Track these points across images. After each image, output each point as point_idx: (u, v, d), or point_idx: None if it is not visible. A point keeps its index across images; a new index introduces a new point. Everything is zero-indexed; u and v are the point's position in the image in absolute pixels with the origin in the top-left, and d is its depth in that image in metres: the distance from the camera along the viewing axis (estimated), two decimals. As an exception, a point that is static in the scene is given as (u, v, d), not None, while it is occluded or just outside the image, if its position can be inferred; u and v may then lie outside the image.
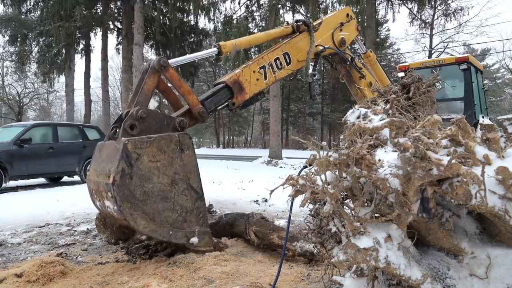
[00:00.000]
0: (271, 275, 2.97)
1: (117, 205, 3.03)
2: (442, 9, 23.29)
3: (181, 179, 3.30)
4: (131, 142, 3.08)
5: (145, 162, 3.13)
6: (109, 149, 3.36)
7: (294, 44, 4.70)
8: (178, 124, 3.53)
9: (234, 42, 4.32)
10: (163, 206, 3.20)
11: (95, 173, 3.45)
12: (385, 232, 1.88)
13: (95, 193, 3.50)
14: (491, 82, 33.11)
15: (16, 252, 4.04)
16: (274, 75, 4.48)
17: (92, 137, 10.93)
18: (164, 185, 3.21)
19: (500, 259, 1.89)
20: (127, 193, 3.02)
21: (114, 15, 19.40)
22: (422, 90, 2.64)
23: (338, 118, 27.44)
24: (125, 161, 3.03)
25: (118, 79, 45.02)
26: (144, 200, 3.10)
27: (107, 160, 3.28)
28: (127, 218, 3.04)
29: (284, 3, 17.11)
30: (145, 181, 3.12)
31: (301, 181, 2.07)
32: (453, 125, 1.92)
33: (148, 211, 3.11)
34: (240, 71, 4.20)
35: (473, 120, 7.40)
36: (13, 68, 26.62)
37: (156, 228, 3.15)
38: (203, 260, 3.39)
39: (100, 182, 3.28)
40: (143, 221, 3.08)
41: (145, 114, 3.33)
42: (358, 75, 5.72)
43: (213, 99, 3.99)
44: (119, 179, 2.99)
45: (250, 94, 4.24)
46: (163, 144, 3.23)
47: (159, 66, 3.53)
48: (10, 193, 8.22)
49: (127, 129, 3.26)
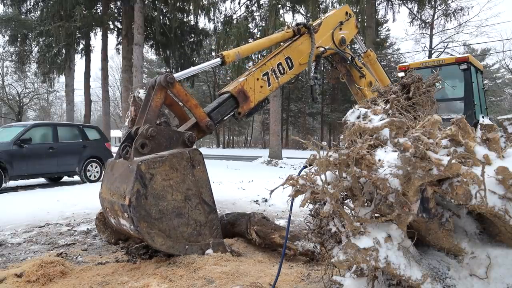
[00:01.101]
0: (271, 275, 2.97)
1: (134, 225, 3.10)
2: (442, 9, 23.28)
3: (193, 194, 3.38)
4: (144, 163, 3.14)
5: (158, 181, 3.19)
6: (121, 168, 3.42)
7: (296, 48, 4.70)
8: (187, 139, 3.60)
9: (237, 51, 4.32)
10: (178, 222, 3.27)
11: (108, 191, 3.52)
12: (385, 232, 1.88)
13: (109, 211, 3.57)
14: (491, 82, 33.11)
15: (16, 252, 4.04)
16: (277, 80, 4.48)
17: (92, 137, 10.93)
18: (178, 201, 3.28)
19: (500, 259, 1.90)
20: (143, 213, 3.10)
21: (114, 15, 19.40)
22: (422, 90, 2.64)
23: (338, 118, 27.46)
24: (140, 182, 3.10)
25: (118, 79, 45.05)
26: (160, 218, 3.18)
27: (121, 180, 3.33)
28: (144, 237, 3.12)
29: (284, 3, 17.11)
30: (160, 199, 3.19)
31: (301, 181, 2.07)
32: (453, 125, 1.92)
33: (164, 229, 3.19)
34: (244, 80, 4.19)
35: (473, 120, 7.39)
36: (13, 68, 26.66)
37: (173, 244, 3.24)
38: (203, 260, 3.39)
39: (114, 202, 3.34)
40: (160, 239, 3.17)
41: (155, 132, 3.41)
42: (358, 74, 5.71)
43: (219, 110, 4.02)
44: (134, 200, 3.06)
45: (255, 102, 4.26)
46: (175, 162, 3.30)
47: (166, 83, 3.57)
48: (10, 193, 8.22)
49: (138, 148, 3.33)
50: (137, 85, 15.23)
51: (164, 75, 3.58)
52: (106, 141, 11.55)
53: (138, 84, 15.51)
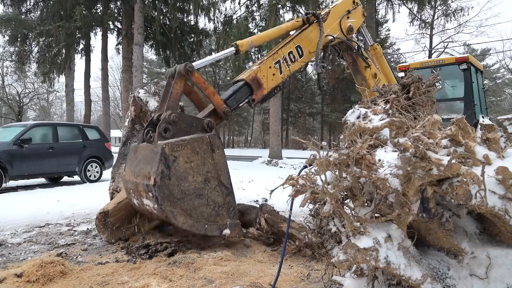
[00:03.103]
0: (271, 275, 2.97)
1: (158, 204, 3.27)
2: (442, 9, 23.28)
3: (212, 176, 3.57)
4: (168, 146, 3.32)
5: (181, 163, 3.38)
6: (145, 151, 3.59)
7: (306, 37, 4.82)
8: (207, 125, 3.76)
9: (250, 40, 4.46)
10: (198, 203, 3.46)
11: (132, 173, 3.68)
12: (385, 232, 1.88)
13: (132, 192, 3.71)
14: (491, 82, 33.10)
15: (16, 252, 4.04)
16: (289, 68, 4.64)
17: (92, 137, 10.92)
18: (198, 183, 3.48)
19: (500, 259, 1.90)
20: (167, 193, 3.28)
21: (114, 15, 19.37)
22: (422, 90, 2.64)
23: (338, 118, 27.45)
24: (164, 164, 3.28)
25: (118, 79, 45.04)
26: (182, 198, 3.37)
27: (145, 162, 3.49)
28: (168, 215, 3.29)
29: (284, 3, 17.08)
30: (182, 180, 3.38)
31: (301, 181, 2.07)
32: (453, 125, 1.92)
33: (186, 208, 3.38)
34: (258, 68, 4.34)
35: (473, 120, 7.39)
36: (13, 68, 26.64)
37: (193, 223, 3.41)
38: (203, 260, 3.40)
39: (139, 183, 3.50)
40: (182, 217, 3.36)
41: (177, 118, 3.59)
42: (363, 64, 5.78)
43: (235, 97, 4.19)
44: (159, 180, 3.24)
45: (268, 89, 4.42)
46: (196, 146, 3.49)
47: (185, 72, 3.74)
48: (10, 193, 8.22)
49: (161, 132, 3.49)
50: (137, 85, 15.22)
51: (184, 65, 3.74)
52: (106, 141, 11.55)
53: (138, 84, 15.51)
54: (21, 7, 19.14)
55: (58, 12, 17.52)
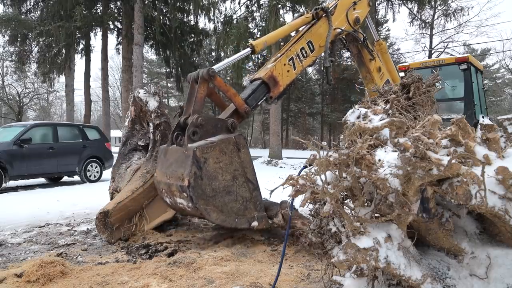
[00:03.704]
0: (271, 275, 2.97)
1: (192, 203, 3.52)
2: (442, 9, 23.26)
3: (240, 174, 3.83)
4: (199, 149, 3.57)
5: (211, 164, 3.63)
6: (176, 154, 3.82)
7: (316, 32, 4.95)
8: (230, 125, 4.00)
9: (264, 40, 4.68)
10: (228, 199, 3.72)
11: (164, 175, 3.91)
12: (385, 232, 1.88)
13: (165, 192, 3.95)
14: (491, 82, 33.08)
15: (16, 252, 4.03)
16: (301, 63, 4.81)
17: (92, 137, 10.92)
18: (227, 181, 3.74)
19: (500, 259, 1.90)
20: (200, 192, 3.54)
21: (114, 15, 19.36)
22: (422, 90, 2.64)
23: (338, 118, 27.42)
24: (196, 166, 3.53)
25: (118, 79, 44.97)
26: (213, 196, 3.63)
27: (177, 164, 3.73)
28: (202, 213, 3.57)
29: (284, 3, 17.07)
30: (212, 180, 3.63)
31: (301, 181, 2.07)
32: (453, 125, 1.92)
33: (217, 205, 3.64)
34: (273, 66, 4.51)
35: (473, 120, 7.39)
36: (13, 68, 26.56)
37: (225, 218, 3.69)
38: (203, 260, 3.40)
39: (172, 184, 3.73)
40: (215, 214, 3.62)
41: (204, 121, 3.83)
42: (368, 56, 5.87)
43: (254, 96, 4.41)
44: (193, 181, 3.49)
45: (284, 86, 4.60)
46: (223, 147, 3.74)
47: (208, 76, 3.95)
48: (10, 193, 8.22)
49: (190, 135, 3.74)
50: (137, 85, 15.22)
51: (206, 70, 3.98)
52: (106, 141, 11.55)
53: (138, 84, 15.50)
54: (21, 7, 19.12)
55: (58, 12, 17.50)
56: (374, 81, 5.87)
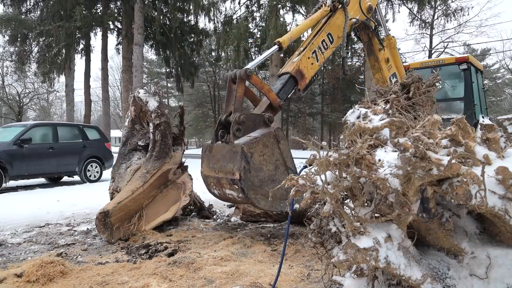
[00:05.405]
0: (271, 275, 2.97)
1: (244, 194, 3.91)
2: (442, 9, 23.24)
3: (280, 163, 4.19)
4: (246, 145, 3.91)
5: (256, 158, 3.99)
6: (223, 151, 4.14)
7: (334, 23, 5.23)
8: (268, 119, 4.33)
9: (289, 36, 4.93)
10: (273, 187, 3.85)
11: (212, 170, 4.26)
12: (385, 232, 1.88)
13: (214, 185, 4.33)
14: (491, 82, 33.07)
15: (16, 252, 4.03)
16: (323, 55, 5.09)
17: (92, 137, 10.92)
18: (271, 171, 4.11)
19: (500, 259, 1.90)
20: (250, 184, 3.91)
21: (114, 15, 19.33)
22: (422, 90, 2.64)
23: (338, 118, 27.40)
24: (244, 160, 3.88)
25: (118, 79, 44.97)
26: (260, 186, 3.99)
27: (225, 160, 4.07)
28: (253, 202, 3.98)
29: (284, 3, 17.05)
30: (259, 171, 4.00)
31: (301, 181, 2.07)
32: (453, 125, 1.92)
33: (265, 193, 3.96)
34: (299, 60, 4.80)
35: (473, 120, 7.39)
36: (13, 68, 26.54)
37: (272, 204, 4.03)
38: (203, 260, 3.40)
39: (221, 177, 4.12)
40: (263, 201, 4.00)
41: (245, 118, 4.16)
42: (378, 45, 6.07)
43: (284, 90, 4.72)
44: (243, 174, 3.86)
45: (309, 78, 4.91)
46: (265, 141, 4.09)
47: (246, 76, 4.26)
48: (10, 193, 8.22)
49: (235, 132, 4.08)
50: (137, 85, 15.21)
51: (244, 70, 4.28)
52: (106, 141, 11.55)
53: (138, 84, 15.49)
54: (21, 7, 19.10)
55: (58, 12, 17.48)
56: (382, 71, 6.10)
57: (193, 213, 5.69)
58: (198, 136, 52.96)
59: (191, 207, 5.56)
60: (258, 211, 5.32)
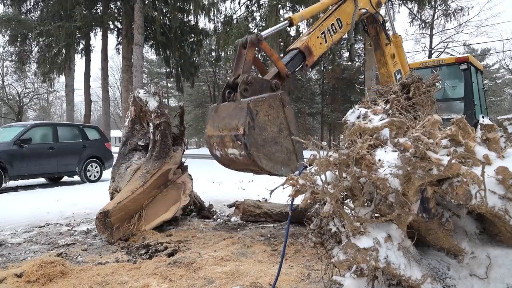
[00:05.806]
0: (271, 275, 2.97)
1: (246, 150, 3.92)
2: (442, 9, 23.24)
3: (284, 127, 4.24)
4: (252, 102, 3.97)
5: (261, 116, 4.04)
6: (229, 109, 4.23)
7: (344, 10, 5.43)
8: (274, 85, 4.40)
9: (301, 14, 5.23)
10: (275, 149, 4.13)
11: (216, 129, 4.34)
12: (385, 232, 1.88)
13: (216, 145, 4.37)
14: (491, 82, 33.07)
15: (16, 252, 4.03)
16: (332, 38, 5.28)
17: (92, 137, 10.92)
18: (275, 132, 4.15)
19: (500, 259, 1.90)
20: (253, 140, 3.93)
21: (114, 15, 19.33)
22: (422, 90, 2.64)
23: (338, 118, 27.38)
24: (249, 116, 3.92)
25: (118, 79, 44.98)
26: (263, 145, 4.03)
27: (230, 117, 4.14)
28: (255, 159, 3.96)
29: (284, 3, 17.05)
30: (263, 130, 4.04)
31: (301, 181, 2.07)
32: (453, 125, 1.92)
33: (267, 153, 4.04)
34: (308, 38, 4.96)
35: (473, 120, 7.40)
36: (13, 68, 26.54)
37: (273, 165, 4.09)
38: (203, 260, 3.40)
39: (225, 135, 4.18)
40: (265, 161, 4.03)
41: (253, 80, 4.24)
42: (385, 40, 6.22)
43: (292, 63, 4.83)
44: (247, 130, 3.89)
45: (317, 56, 5.06)
46: (271, 102, 4.16)
47: (257, 41, 4.38)
48: (10, 193, 8.22)
49: (242, 92, 4.14)
50: (137, 85, 15.21)
51: (255, 35, 4.43)
52: (106, 141, 11.55)
53: (138, 84, 15.49)
54: (21, 7, 19.10)
55: (58, 12, 17.48)
56: (387, 65, 6.23)
57: (193, 213, 5.69)
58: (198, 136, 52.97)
59: (191, 207, 5.56)
60: (258, 211, 5.31)
